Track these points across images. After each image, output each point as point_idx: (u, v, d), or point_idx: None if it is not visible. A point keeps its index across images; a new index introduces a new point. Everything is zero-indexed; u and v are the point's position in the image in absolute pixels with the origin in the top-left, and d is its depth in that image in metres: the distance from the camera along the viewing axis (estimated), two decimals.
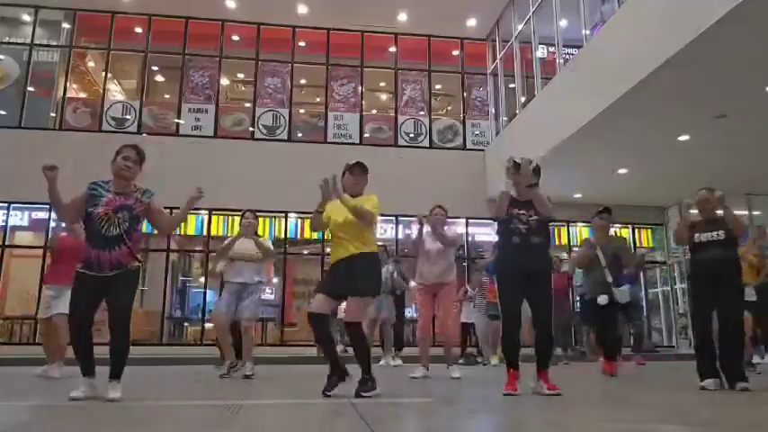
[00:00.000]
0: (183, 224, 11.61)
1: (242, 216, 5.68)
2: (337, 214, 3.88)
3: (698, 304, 4.46)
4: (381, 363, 7.45)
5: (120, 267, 3.46)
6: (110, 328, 3.45)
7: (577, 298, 9.25)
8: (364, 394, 3.55)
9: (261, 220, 11.40)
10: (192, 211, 13.22)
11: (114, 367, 3.44)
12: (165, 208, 3.90)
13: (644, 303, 13.07)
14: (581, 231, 12.85)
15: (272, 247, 5.72)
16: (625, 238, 8.73)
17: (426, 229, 5.48)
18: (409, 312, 11.75)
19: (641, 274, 8.29)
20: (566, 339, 8.45)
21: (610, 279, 5.71)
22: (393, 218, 12.13)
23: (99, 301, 3.50)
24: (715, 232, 4.36)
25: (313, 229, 4.10)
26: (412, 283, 7.86)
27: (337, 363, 3.74)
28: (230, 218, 11.97)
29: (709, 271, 4.33)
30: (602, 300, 5.63)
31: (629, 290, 7.18)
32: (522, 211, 4.01)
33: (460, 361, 7.73)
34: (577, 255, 6.29)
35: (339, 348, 10.24)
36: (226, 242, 5.63)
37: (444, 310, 5.50)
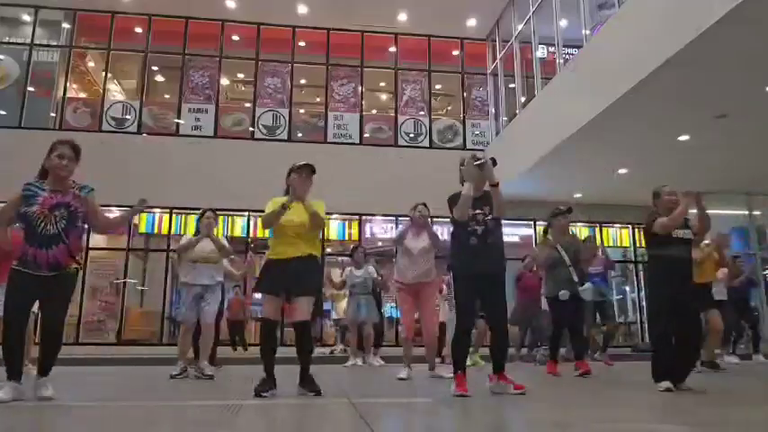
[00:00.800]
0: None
1: (202, 215, 5.54)
2: (293, 215, 3.84)
3: (664, 303, 4.18)
4: (353, 363, 7.44)
5: (59, 269, 3.39)
6: (41, 331, 3.39)
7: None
8: (317, 390, 3.62)
9: (260, 219, 11.49)
10: (192, 211, 13.18)
11: (44, 367, 3.41)
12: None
13: (637, 302, 13.10)
14: (581, 231, 12.84)
15: (227, 245, 5.61)
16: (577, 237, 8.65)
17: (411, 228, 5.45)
18: (393, 312, 11.78)
19: (610, 273, 8.28)
20: (536, 339, 8.44)
21: (576, 278, 5.69)
22: (393, 218, 12.14)
23: (33, 300, 3.45)
24: (688, 230, 4.23)
25: (267, 225, 3.91)
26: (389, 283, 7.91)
27: (273, 371, 3.76)
28: (230, 218, 11.96)
29: (682, 270, 4.18)
30: (564, 295, 5.61)
31: (603, 289, 7.25)
32: (477, 211, 3.88)
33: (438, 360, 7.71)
34: (544, 257, 6.09)
35: (339, 348, 10.31)
36: (186, 241, 5.51)
37: (428, 312, 5.39)
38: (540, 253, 6.21)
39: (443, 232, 5.59)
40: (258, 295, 5.55)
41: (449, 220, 4.02)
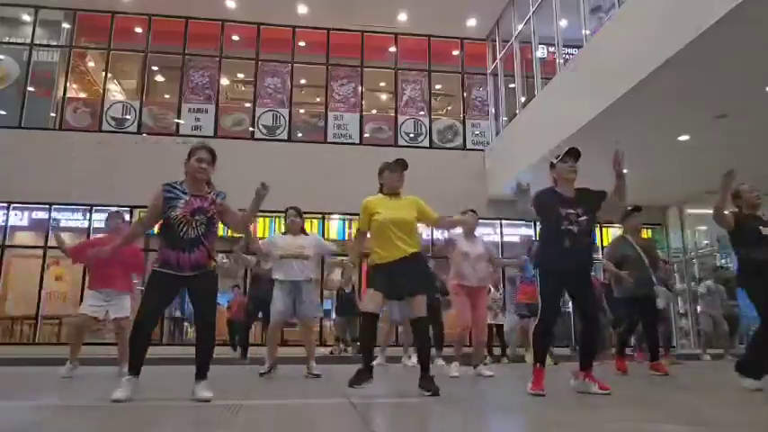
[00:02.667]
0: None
1: (286, 214, 5.57)
2: (392, 212, 3.87)
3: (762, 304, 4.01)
4: (410, 363, 7.44)
5: (201, 268, 3.50)
6: (196, 330, 3.59)
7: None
8: (435, 390, 3.62)
9: (261, 220, 11.51)
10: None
11: (200, 368, 3.53)
12: None
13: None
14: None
15: (329, 247, 5.66)
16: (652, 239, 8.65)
17: (458, 230, 5.52)
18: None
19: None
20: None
21: (654, 279, 5.65)
22: None
23: (171, 300, 3.55)
24: None
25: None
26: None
27: (371, 361, 3.82)
28: None
29: None
30: (662, 303, 5.59)
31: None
32: (571, 210, 3.83)
33: (487, 361, 7.74)
34: (613, 252, 5.90)
35: (340, 347, 10.32)
36: (270, 242, 5.49)
37: (482, 314, 5.47)
38: (611, 253, 5.98)
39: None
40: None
41: (540, 220, 4.00)
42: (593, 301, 3.95)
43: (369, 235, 4.05)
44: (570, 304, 7.58)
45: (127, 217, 11.58)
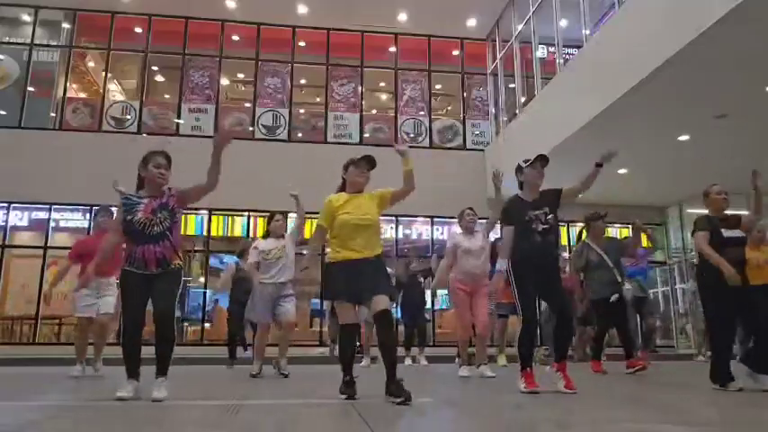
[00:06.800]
0: (183, 223, 11.67)
1: (271, 218, 5.68)
2: (357, 212, 3.67)
3: (724, 309, 4.01)
4: (406, 362, 7.54)
5: (165, 265, 3.52)
6: (154, 327, 3.55)
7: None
8: (401, 400, 3.28)
9: (260, 220, 11.49)
10: (191, 211, 13.11)
11: (158, 364, 3.52)
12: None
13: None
14: (620, 232, 12.83)
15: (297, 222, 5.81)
16: (616, 238, 8.59)
17: (457, 229, 5.63)
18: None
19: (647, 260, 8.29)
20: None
21: (619, 278, 5.77)
22: (393, 218, 12.12)
23: (147, 300, 3.53)
24: (737, 230, 4.16)
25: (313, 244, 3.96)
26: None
27: (352, 372, 3.68)
28: (230, 218, 11.97)
29: (741, 274, 4.01)
30: (615, 297, 5.67)
31: (643, 283, 7.27)
32: (538, 212, 4.00)
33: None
34: (578, 264, 6.13)
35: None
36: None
37: (482, 308, 5.45)
38: (576, 262, 6.19)
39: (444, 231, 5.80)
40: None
41: (504, 223, 4.13)
42: (565, 297, 4.09)
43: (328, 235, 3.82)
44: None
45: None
